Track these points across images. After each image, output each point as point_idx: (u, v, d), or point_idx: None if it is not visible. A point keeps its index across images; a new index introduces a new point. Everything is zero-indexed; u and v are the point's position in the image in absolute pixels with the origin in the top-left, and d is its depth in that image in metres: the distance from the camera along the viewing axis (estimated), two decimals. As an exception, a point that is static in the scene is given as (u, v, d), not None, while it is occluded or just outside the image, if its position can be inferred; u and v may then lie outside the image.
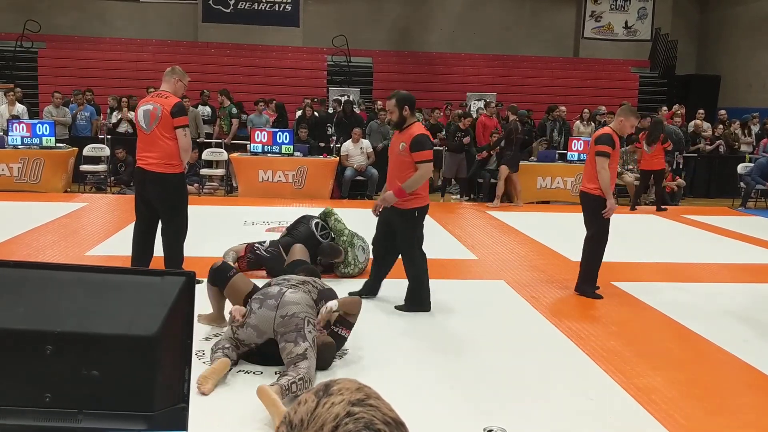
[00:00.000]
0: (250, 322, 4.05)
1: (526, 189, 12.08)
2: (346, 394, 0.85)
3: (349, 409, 0.82)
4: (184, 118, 5.57)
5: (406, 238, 5.44)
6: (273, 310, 4.00)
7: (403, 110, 5.29)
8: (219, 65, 17.75)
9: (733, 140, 14.35)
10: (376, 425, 0.82)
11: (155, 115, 5.50)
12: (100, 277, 1.60)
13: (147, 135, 5.55)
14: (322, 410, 0.83)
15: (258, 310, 4.04)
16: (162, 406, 1.54)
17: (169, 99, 5.55)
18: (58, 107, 12.69)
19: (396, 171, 5.36)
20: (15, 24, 17.47)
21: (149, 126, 5.52)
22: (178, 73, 5.70)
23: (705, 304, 6.03)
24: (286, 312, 3.98)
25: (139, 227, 5.77)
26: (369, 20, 19.54)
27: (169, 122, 5.49)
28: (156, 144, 5.51)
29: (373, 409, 0.84)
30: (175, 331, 1.55)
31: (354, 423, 0.81)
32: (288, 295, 4.08)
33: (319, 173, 11.68)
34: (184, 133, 5.53)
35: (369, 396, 0.86)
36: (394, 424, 0.84)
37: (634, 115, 6.13)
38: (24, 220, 8.46)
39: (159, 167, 5.51)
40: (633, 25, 20.61)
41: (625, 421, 3.68)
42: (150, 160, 5.54)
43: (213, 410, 3.49)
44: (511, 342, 4.84)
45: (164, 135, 5.51)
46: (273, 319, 3.98)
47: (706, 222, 10.52)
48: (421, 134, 5.28)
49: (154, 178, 5.54)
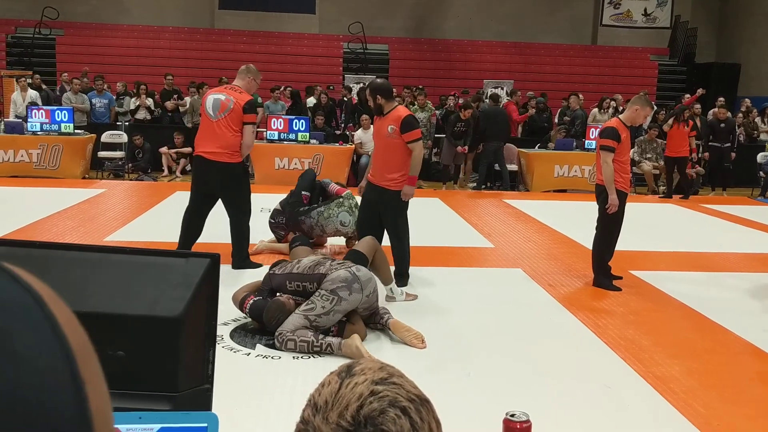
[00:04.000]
0: (339, 308, 4.21)
1: (544, 177, 12.08)
2: (369, 374, 0.85)
3: (372, 388, 0.83)
4: (254, 116, 5.80)
5: (399, 218, 5.61)
6: (359, 293, 4.27)
7: (376, 99, 5.50)
8: (235, 52, 17.74)
9: (752, 129, 14.19)
10: (400, 402, 0.82)
11: (226, 106, 5.67)
12: (124, 258, 1.61)
13: (211, 124, 5.70)
14: (345, 390, 0.83)
15: (350, 297, 4.23)
16: (186, 387, 1.55)
17: (242, 95, 5.76)
18: (76, 94, 12.76)
19: (384, 154, 5.54)
20: (33, 11, 17.57)
21: (216, 114, 5.68)
22: (252, 73, 5.93)
23: (724, 293, 5.99)
24: (370, 291, 4.34)
25: (190, 209, 5.96)
26: (385, 7, 19.45)
27: (239, 117, 5.66)
28: (219, 134, 5.67)
29: (397, 387, 0.84)
30: (199, 313, 1.55)
31: (378, 401, 0.81)
32: (363, 273, 4.36)
33: (336, 161, 11.69)
34: (251, 130, 5.74)
35: (392, 374, 0.86)
36: (418, 401, 0.84)
37: (649, 105, 6.09)
38: (43, 206, 8.53)
39: (220, 156, 5.67)
40: (652, 13, 20.37)
41: (644, 409, 3.67)
42: (212, 149, 5.69)
43: (235, 392, 3.52)
44: (528, 330, 4.83)
45: (231, 127, 5.67)
46: (360, 300, 4.29)
47: (724, 211, 10.43)
48: (409, 115, 5.55)
49: (215, 167, 5.70)
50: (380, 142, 5.62)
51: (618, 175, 5.81)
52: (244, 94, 5.78)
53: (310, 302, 4.23)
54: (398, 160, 5.48)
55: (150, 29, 18.47)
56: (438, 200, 10.45)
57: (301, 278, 4.39)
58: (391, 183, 5.51)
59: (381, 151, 5.61)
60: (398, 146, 5.46)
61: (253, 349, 4.23)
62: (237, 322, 4.62)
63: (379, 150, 5.66)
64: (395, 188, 5.51)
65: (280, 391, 3.66)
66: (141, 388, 1.52)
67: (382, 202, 5.58)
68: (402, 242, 5.68)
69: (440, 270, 6.34)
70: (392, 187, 5.51)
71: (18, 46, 17.41)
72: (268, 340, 4.29)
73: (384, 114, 5.52)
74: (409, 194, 5.53)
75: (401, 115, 5.46)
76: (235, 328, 4.53)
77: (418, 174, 5.58)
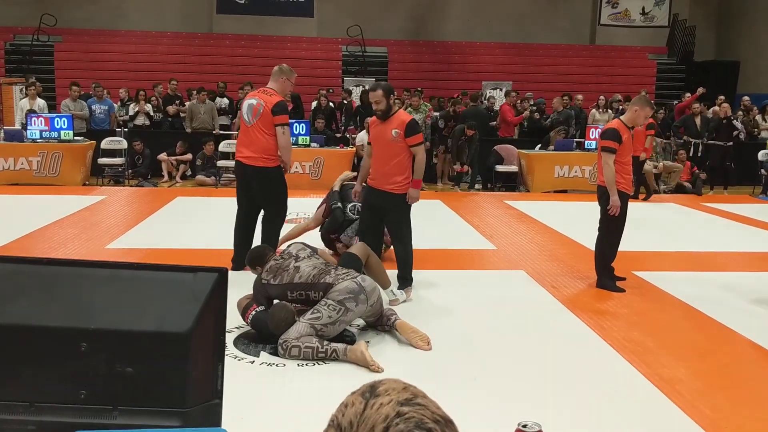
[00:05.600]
0: (345, 319, 4.24)
1: (544, 178, 12.09)
2: (394, 394, 0.84)
3: (398, 409, 0.82)
4: (284, 117, 5.81)
5: (403, 221, 5.63)
6: (365, 303, 4.31)
7: (389, 99, 5.50)
8: (234, 57, 17.77)
9: (753, 127, 14.18)
10: (426, 424, 0.82)
11: (257, 111, 5.74)
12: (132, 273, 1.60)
13: (248, 129, 5.81)
14: (371, 411, 0.82)
15: (356, 308, 4.26)
16: (195, 403, 1.54)
17: (272, 97, 5.78)
18: (75, 101, 12.75)
19: (387, 158, 5.52)
20: (31, 18, 17.57)
21: (251, 119, 5.77)
22: (285, 72, 5.93)
23: (728, 293, 5.98)
24: (374, 300, 4.39)
25: (240, 220, 6.04)
26: (383, 9, 19.45)
27: (270, 119, 5.72)
28: (255, 138, 5.76)
29: (422, 408, 0.84)
30: (208, 328, 1.55)
31: (405, 423, 0.81)
32: (368, 283, 4.39)
33: (336, 164, 11.67)
34: (282, 131, 5.76)
35: (416, 395, 0.86)
36: (443, 421, 0.84)
37: (649, 105, 6.07)
38: (44, 214, 8.52)
39: (257, 161, 5.76)
40: (650, 11, 20.37)
41: (651, 412, 3.66)
42: (248, 153, 5.79)
43: (240, 401, 3.50)
44: (532, 332, 4.82)
45: (263, 131, 5.75)
46: (365, 310, 4.35)
47: (726, 210, 10.42)
48: (413, 119, 5.60)
49: (253, 171, 5.81)
50: (382, 145, 5.59)
51: (620, 176, 5.81)
52: (275, 96, 5.80)
53: (316, 311, 4.20)
54: (401, 163, 5.50)
55: (148, 35, 18.48)
56: (439, 202, 10.45)
57: (304, 287, 4.36)
58: (394, 187, 5.51)
59: (383, 154, 5.58)
60: (402, 150, 5.48)
61: (257, 356, 4.22)
62: (240, 330, 4.61)
63: (380, 154, 5.63)
64: (399, 192, 5.52)
65: (285, 399, 3.65)
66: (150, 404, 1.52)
67: (385, 206, 5.58)
68: (406, 245, 5.68)
69: (443, 273, 6.33)
70: (396, 191, 5.51)
71: (16, 53, 17.41)
72: (272, 348, 4.28)
73: (387, 117, 5.51)
74: (415, 197, 5.54)
75: (405, 120, 5.49)
76: (238, 336, 4.52)
77: (422, 177, 5.61)
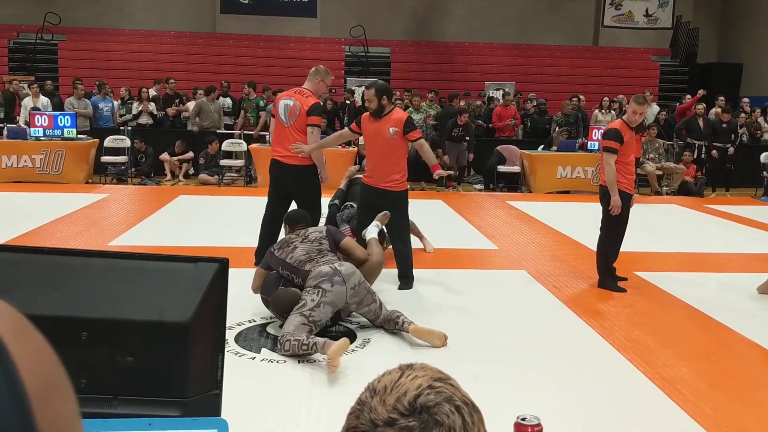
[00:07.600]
0: (326, 300, 4.30)
1: (547, 179, 12.09)
2: (429, 371, 0.90)
3: (431, 383, 0.87)
4: (317, 118, 5.92)
5: (402, 219, 5.67)
6: (342, 285, 4.37)
7: (381, 99, 5.53)
8: (237, 56, 17.77)
9: (756, 129, 14.16)
10: (455, 401, 0.86)
11: (294, 112, 5.84)
12: (133, 263, 1.60)
13: (284, 128, 5.90)
14: (405, 380, 0.87)
15: (332, 288, 4.33)
16: (195, 393, 1.54)
17: (308, 98, 5.87)
18: (79, 99, 12.77)
19: (385, 156, 5.59)
20: (35, 17, 17.59)
21: (288, 120, 5.87)
22: (321, 73, 6.00)
23: (729, 293, 5.97)
24: (354, 283, 4.43)
25: (267, 215, 6.09)
26: (387, 10, 19.45)
27: (305, 120, 5.82)
28: (290, 137, 5.85)
29: (454, 388, 0.88)
30: (208, 318, 1.55)
31: (435, 395, 0.85)
32: (345, 268, 4.47)
33: (338, 163, 11.66)
34: (311, 131, 5.85)
35: (449, 378, 0.91)
36: (471, 405, 0.89)
37: (638, 102, 5.92)
38: (47, 211, 8.53)
39: (292, 160, 5.84)
40: (654, 13, 20.35)
41: (652, 411, 3.65)
42: (284, 152, 5.89)
43: (241, 397, 3.51)
44: (534, 332, 4.82)
45: (300, 131, 5.85)
46: (346, 293, 4.40)
47: (728, 211, 10.41)
48: (409, 116, 5.72)
49: (287, 170, 5.91)
50: (379, 144, 5.62)
51: (621, 176, 5.80)
52: (311, 97, 5.89)
53: (302, 299, 4.35)
54: (399, 161, 5.58)
55: (152, 34, 18.49)
56: (441, 202, 10.45)
57: (290, 269, 4.61)
58: (393, 184, 5.54)
59: (380, 153, 5.62)
60: (399, 147, 5.56)
61: (258, 353, 4.22)
62: (241, 326, 4.61)
63: (377, 152, 5.66)
64: (398, 189, 5.55)
65: (286, 395, 3.65)
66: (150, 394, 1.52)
67: (383, 203, 5.58)
68: (405, 243, 5.70)
69: (444, 272, 6.33)
70: (395, 188, 5.54)
71: (20, 52, 17.44)
72: (273, 345, 4.28)
73: (381, 116, 5.54)
74: (443, 173, 5.93)
75: (402, 117, 5.57)
76: (239, 332, 4.53)
77: (436, 161, 5.74)
